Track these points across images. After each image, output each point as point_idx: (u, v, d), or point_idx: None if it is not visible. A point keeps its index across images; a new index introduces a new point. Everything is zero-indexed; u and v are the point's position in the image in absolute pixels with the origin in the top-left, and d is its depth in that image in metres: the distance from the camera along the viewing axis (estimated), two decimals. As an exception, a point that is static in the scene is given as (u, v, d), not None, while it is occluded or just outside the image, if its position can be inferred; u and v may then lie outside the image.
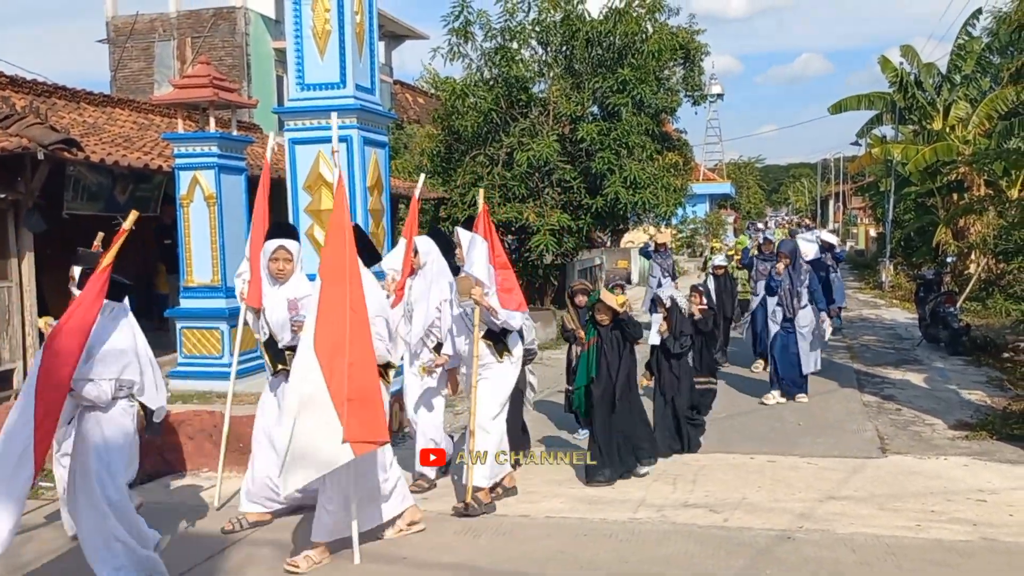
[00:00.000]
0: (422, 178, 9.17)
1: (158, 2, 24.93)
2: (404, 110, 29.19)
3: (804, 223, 41.99)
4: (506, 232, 16.55)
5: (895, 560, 5.40)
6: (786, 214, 71.53)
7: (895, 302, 21.40)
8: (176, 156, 9.83)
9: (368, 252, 5.85)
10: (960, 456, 7.75)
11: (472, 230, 6.51)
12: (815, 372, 10.50)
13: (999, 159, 17.09)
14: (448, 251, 6.94)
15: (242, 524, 6.17)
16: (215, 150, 9.64)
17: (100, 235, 6.59)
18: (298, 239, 6.24)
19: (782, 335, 9.95)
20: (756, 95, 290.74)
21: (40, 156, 9.15)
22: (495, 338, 6.50)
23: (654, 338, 7.93)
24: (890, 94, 24.48)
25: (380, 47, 18.21)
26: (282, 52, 20.11)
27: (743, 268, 13.34)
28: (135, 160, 10.73)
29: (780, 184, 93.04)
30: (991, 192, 20.74)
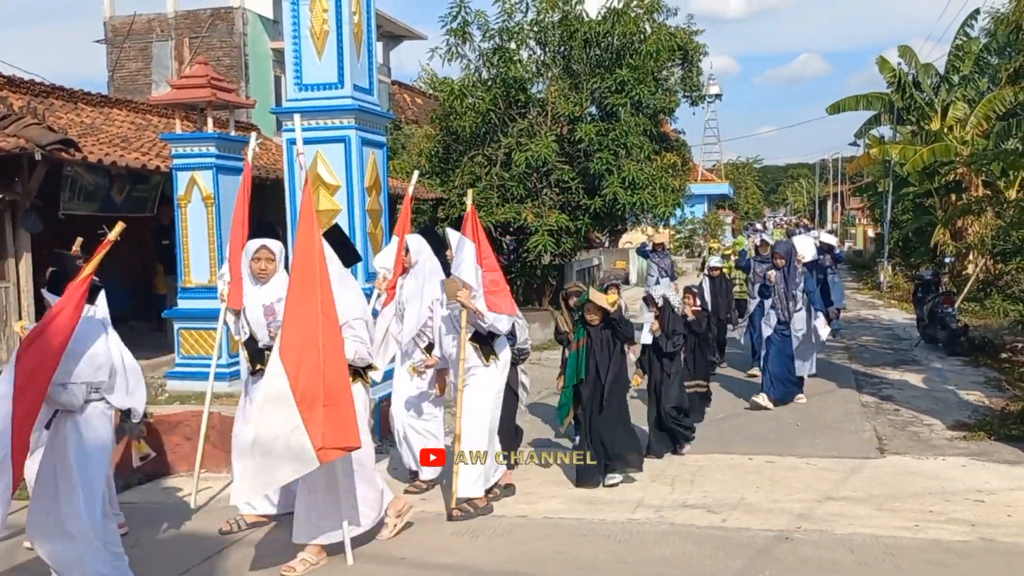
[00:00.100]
0: (415, 176, 9.14)
1: (156, 2, 24.91)
2: (402, 110, 29.19)
3: (802, 223, 42.09)
4: (504, 232, 16.54)
5: (893, 560, 5.41)
6: (784, 214, 71.62)
7: (893, 302, 21.40)
8: (174, 156, 9.82)
9: (348, 252, 5.74)
10: (958, 456, 7.76)
11: (460, 231, 6.45)
12: (812, 375, 10.49)
13: (997, 160, 17.11)
14: (440, 250, 6.87)
15: (240, 525, 6.16)
16: (213, 150, 9.62)
17: (79, 240, 6.54)
18: (280, 239, 6.15)
19: (776, 339, 9.80)
20: (754, 96, 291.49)
21: (38, 156, 9.14)
22: (482, 340, 6.39)
23: (646, 337, 7.86)
24: (888, 95, 24.49)
25: (378, 47, 18.22)
26: (280, 52, 20.12)
27: (740, 269, 13.32)
28: (133, 160, 10.72)
29: (778, 184, 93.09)
30: (989, 193, 20.76)
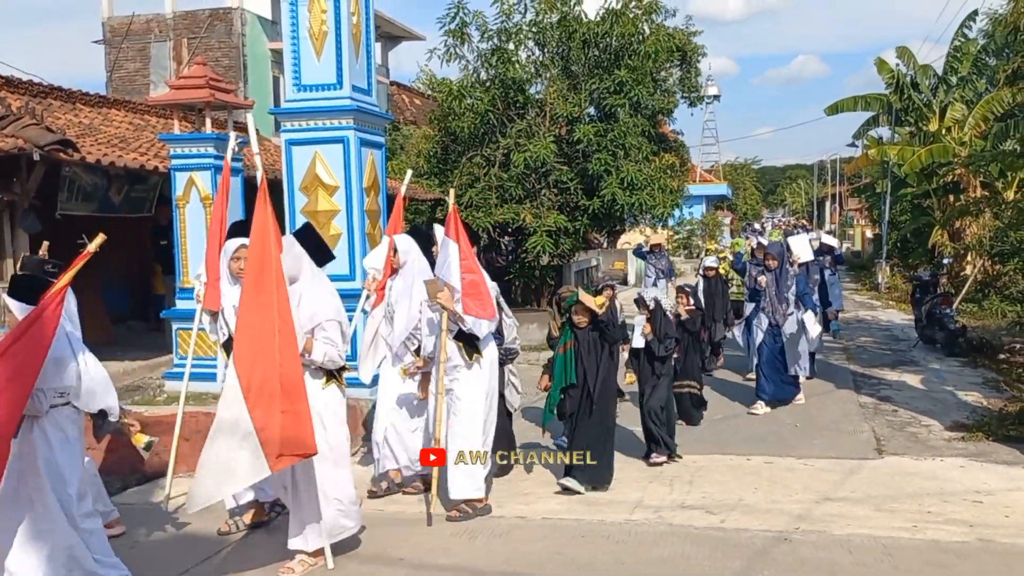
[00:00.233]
0: (408, 175, 9.11)
1: (154, 3, 24.94)
2: (401, 111, 29.19)
3: (800, 224, 42.08)
4: (503, 233, 16.54)
5: (891, 561, 5.41)
6: (783, 215, 71.64)
7: (891, 303, 21.41)
8: (172, 157, 9.83)
9: (321, 251, 5.64)
10: (956, 457, 7.77)
11: (444, 233, 6.36)
12: (809, 377, 10.47)
13: (995, 161, 17.10)
14: (429, 249, 6.80)
15: (238, 525, 6.16)
16: (211, 151, 9.63)
17: (45, 244, 6.51)
18: None
19: (768, 341, 9.72)
20: (753, 97, 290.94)
21: (36, 157, 9.14)
22: (465, 340, 6.28)
23: (638, 341, 7.76)
24: (886, 96, 24.50)
25: (376, 48, 18.22)
26: (279, 53, 20.13)
27: (735, 271, 13.29)
28: (131, 161, 10.73)
29: (777, 185, 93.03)
30: (987, 194, 20.77)
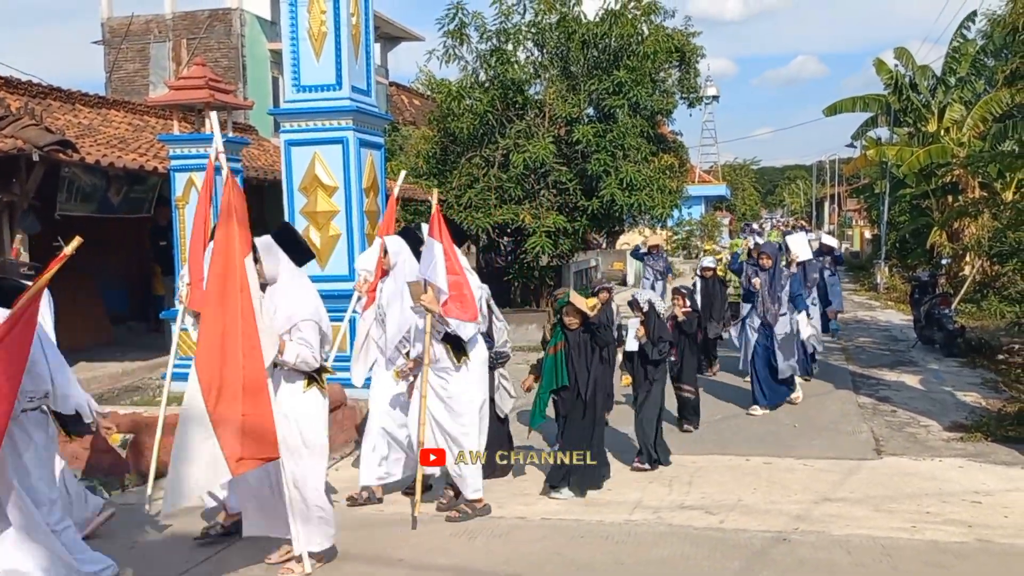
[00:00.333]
0: (402, 175, 9.05)
1: (154, 3, 24.94)
2: (400, 112, 29.19)
3: (799, 224, 42.13)
4: (502, 234, 16.55)
5: (890, 561, 5.42)
6: (781, 216, 71.68)
7: (890, 304, 21.43)
8: (171, 158, 9.83)
9: (300, 251, 5.55)
10: (955, 458, 7.78)
11: (428, 234, 6.31)
12: (807, 378, 10.47)
13: (993, 161, 17.11)
14: (419, 251, 6.73)
15: (216, 529, 5.99)
16: (211, 152, 9.61)
17: (18, 238, 6.50)
18: None
19: (761, 342, 9.68)
20: (751, 97, 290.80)
21: (35, 157, 9.15)
22: (452, 341, 6.22)
23: (631, 344, 7.68)
24: (885, 96, 24.50)
25: (376, 49, 18.21)
26: (278, 54, 20.11)
27: (732, 272, 13.28)
28: (130, 161, 10.73)
29: (775, 186, 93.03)
30: (986, 194, 20.78)
